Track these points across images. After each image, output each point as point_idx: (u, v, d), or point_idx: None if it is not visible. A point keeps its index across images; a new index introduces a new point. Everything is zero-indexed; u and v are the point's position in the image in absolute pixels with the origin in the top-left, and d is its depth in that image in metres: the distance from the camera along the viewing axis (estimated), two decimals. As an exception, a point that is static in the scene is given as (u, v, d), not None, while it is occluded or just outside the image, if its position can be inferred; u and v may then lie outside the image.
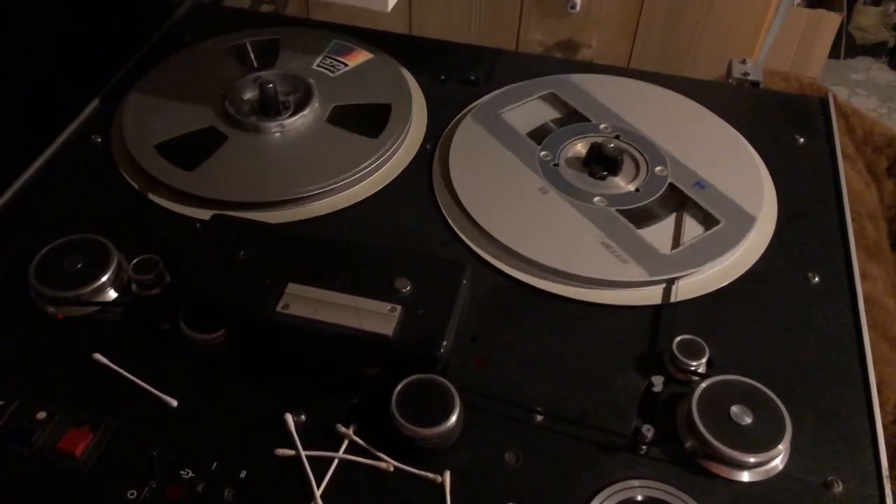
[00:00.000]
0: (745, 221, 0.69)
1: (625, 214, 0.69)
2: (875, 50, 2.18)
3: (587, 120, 0.79)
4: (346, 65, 0.84)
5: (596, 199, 0.71)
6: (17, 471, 0.52)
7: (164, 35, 0.91)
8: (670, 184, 0.72)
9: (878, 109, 2.04)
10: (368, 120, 0.77)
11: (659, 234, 0.68)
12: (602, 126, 0.78)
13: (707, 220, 0.69)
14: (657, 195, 0.71)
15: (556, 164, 0.74)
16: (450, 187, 0.72)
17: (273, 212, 0.70)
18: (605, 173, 0.73)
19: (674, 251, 0.66)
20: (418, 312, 0.56)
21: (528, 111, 0.81)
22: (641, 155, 0.75)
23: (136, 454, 0.53)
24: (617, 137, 0.76)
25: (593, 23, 1.08)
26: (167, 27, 0.92)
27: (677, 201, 0.71)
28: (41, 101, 0.85)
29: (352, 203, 0.71)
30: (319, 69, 0.83)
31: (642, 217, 0.70)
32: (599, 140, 0.74)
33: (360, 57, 0.85)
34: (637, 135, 0.77)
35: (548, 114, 0.81)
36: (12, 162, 0.74)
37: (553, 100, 0.83)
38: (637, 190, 0.72)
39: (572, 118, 0.80)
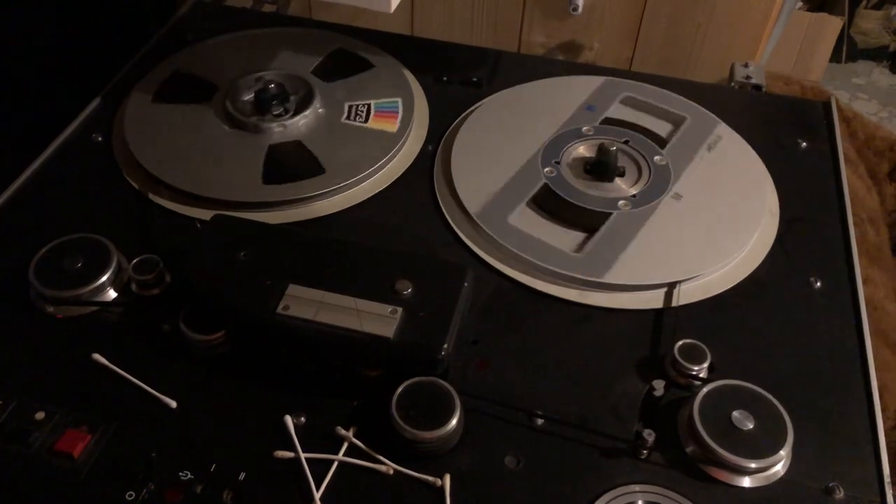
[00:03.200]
0: (596, 273, 0.64)
1: (546, 193, 0.70)
2: (876, 54, 2.18)
3: (662, 148, 0.76)
4: (364, 121, 0.79)
5: (547, 169, 0.72)
6: (15, 471, 0.52)
7: (165, 34, 0.91)
8: (610, 213, 0.69)
9: (879, 113, 2.04)
10: (298, 167, 0.73)
11: (540, 226, 0.69)
12: (657, 157, 0.74)
13: (579, 249, 0.67)
14: (589, 208, 0.69)
15: (578, 137, 0.76)
16: (451, 189, 0.72)
17: (274, 212, 0.70)
18: (592, 173, 0.73)
19: (515, 228, 0.67)
20: (419, 315, 0.56)
21: (637, 112, 0.81)
22: (648, 181, 0.72)
23: (135, 455, 0.52)
24: (653, 172, 0.74)
25: (595, 25, 1.07)
26: (168, 26, 0.92)
27: (596, 226, 0.69)
28: (42, 100, 0.85)
29: (353, 204, 0.71)
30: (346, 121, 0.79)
31: (558, 211, 0.70)
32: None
33: (384, 125, 0.78)
34: (668, 170, 0.74)
35: (648, 124, 0.80)
36: (13, 160, 0.74)
37: (673, 121, 0.80)
38: (587, 193, 0.70)
39: (655, 138, 0.78)
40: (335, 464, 0.53)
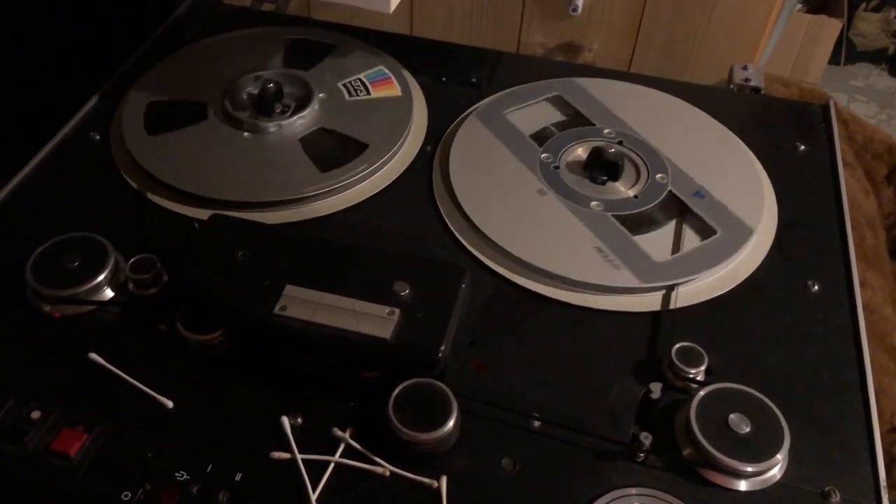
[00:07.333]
0: (743, 233, 0.68)
1: (621, 220, 0.69)
2: (875, 56, 2.18)
3: (591, 124, 0.79)
4: (367, 93, 0.81)
5: (593, 203, 0.71)
6: (11, 471, 0.52)
7: (164, 33, 0.90)
8: (670, 192, 0.72)
9: (877, 116, 2.05)
10: (340, 150, 0.75)
11: (654, 241, 0.68)
12: (606, 131, 0.77)
13: (704, 230, 0.69)
14: (656, 202, 0.71)
15: (557, 167, 0.74)
16: (450, 190, 0.72)
17: (272, 212, 0.70)
18: (605, 178, 0.73)
19: (668, 259, 0.66)
20: (417, 316, 0.56)
21: (532, 113, 0.81)
22: (643, 161, 0.74)
23: (131, 456, 0.52)
24: (619, 143, 0.76)
25: (595, 26, 1.07)
26: (167, 25, 0.92)
27: (676, 209, 0.71)
28: (41, 98, 0.85)
29: (351, 204, 0.71)
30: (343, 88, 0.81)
31: (639, 223, 0.69)
32: (601, 144, 0.74)
33: (386, 91, 0.82)
34: (639, 140, 0.77)
35: (552, 116, 0.81)
36: (10, 158, 0.74)
37: (559, 102, 0.82)
38: (636, 196, 0.71)
39: (577, 121, 0.80)
40: (332, 465, 0.53)
